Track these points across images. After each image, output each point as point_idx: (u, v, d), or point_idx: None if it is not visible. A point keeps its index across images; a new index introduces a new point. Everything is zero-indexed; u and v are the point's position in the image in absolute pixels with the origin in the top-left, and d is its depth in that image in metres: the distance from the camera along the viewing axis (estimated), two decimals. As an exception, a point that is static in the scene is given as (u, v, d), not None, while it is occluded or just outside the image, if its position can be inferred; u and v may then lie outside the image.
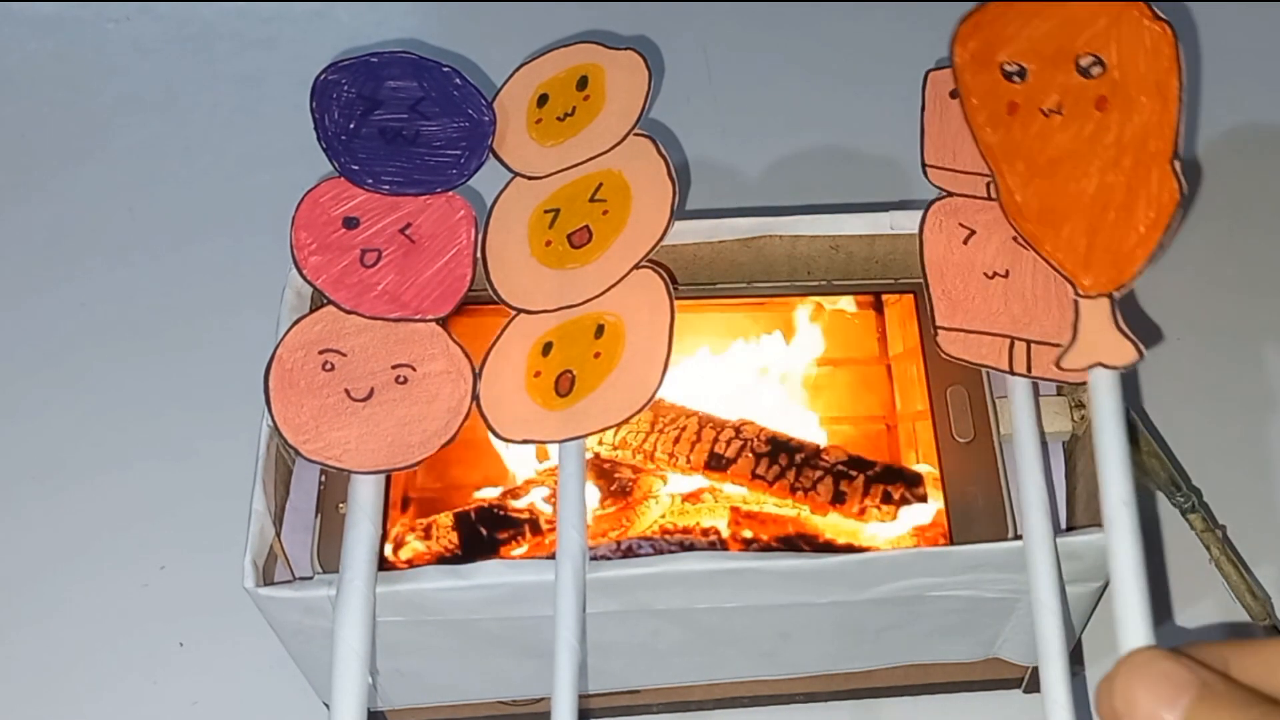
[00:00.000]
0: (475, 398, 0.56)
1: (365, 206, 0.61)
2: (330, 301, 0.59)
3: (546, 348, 0.57)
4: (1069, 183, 0.57)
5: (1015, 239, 0.59)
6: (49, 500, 0.77)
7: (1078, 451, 0.62)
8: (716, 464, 0.64)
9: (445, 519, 0.63)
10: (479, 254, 0.60)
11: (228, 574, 0.55)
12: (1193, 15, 0.98)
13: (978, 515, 0.59)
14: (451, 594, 0.54)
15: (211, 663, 0.70)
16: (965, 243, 0.60)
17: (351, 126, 0.62)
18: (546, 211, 0.61)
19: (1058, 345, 0.57)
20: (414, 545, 0.62)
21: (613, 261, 0.58)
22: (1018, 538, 0.55)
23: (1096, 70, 0.58)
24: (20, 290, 0.87)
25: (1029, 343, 0.58)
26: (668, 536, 0.63)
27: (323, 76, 0.63)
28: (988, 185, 0.62)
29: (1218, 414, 0.78)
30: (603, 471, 0.66)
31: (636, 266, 0.57)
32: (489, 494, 0.66)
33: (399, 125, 0.62)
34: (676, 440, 0.65)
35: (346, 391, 0.56)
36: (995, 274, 0.59)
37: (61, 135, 0.96)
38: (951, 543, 0.58)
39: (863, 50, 0.94)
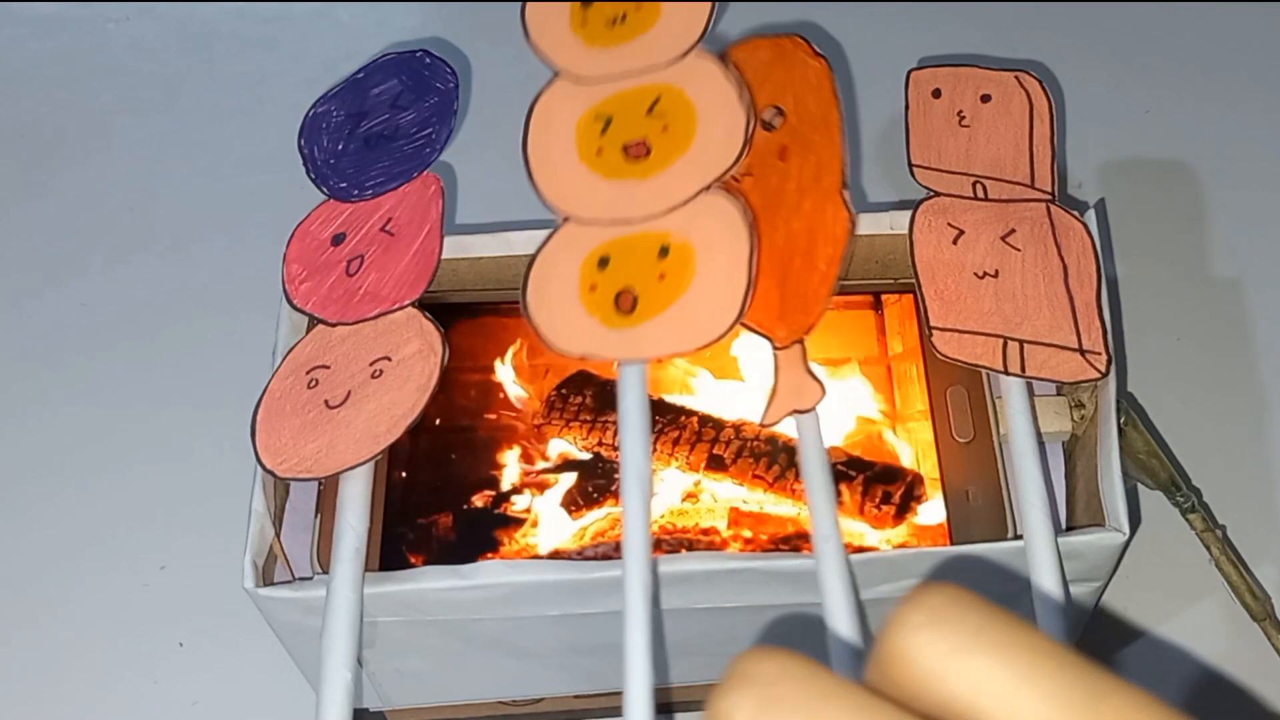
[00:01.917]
0: (443, 368, 0.55)
1: (351, 218, 0.61)
2: (320, 321, 0.59)
3: (603, 261, 0.55)
4: (762, 240, 0.56)
5: (1004, 239, 0.60)
6: (49, 500, 0.77)
7: (1077, 451, 0.62)
8: (716, 464, 0.64)
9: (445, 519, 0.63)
10: (526, 159, 0.57)
11: (228, 574, 0.55)
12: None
13: (978, 515, 0.59)
14: (451, 594, 0.54)
15: (211, 663, 0.70)
16: (955, 243, 0.60)
17: (339, 148, 0.62)
18: (598, 118, 0.58)
19: (1051, 345, 0.57)
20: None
21: (676, 181, 0.55)
22: (1018, 538, 0.55)
23: (778, 121, 0.59)
24: (20, 290, 0.87)
25: (1022, 342, 0.58)
26: (668, 536, 0.63)
27: (311, 111, 0.63)
28: (974, 184, 0.62)
29: (1218, 414, 0.78)
30: (602, 471, 0.66)
31: (705, 190, 0.55)
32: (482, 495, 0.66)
33: (380, 128, 0.63)
34: (676, 440, 0.65)
35: (325, 402, 0.57)
36: (985, 274, 0.59)
37: (61, 135, 0.96)
38: (951, 543, 0.58)
39: (861, 50, 0.94)
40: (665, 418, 0.65)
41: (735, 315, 0.52)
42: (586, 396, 0.67)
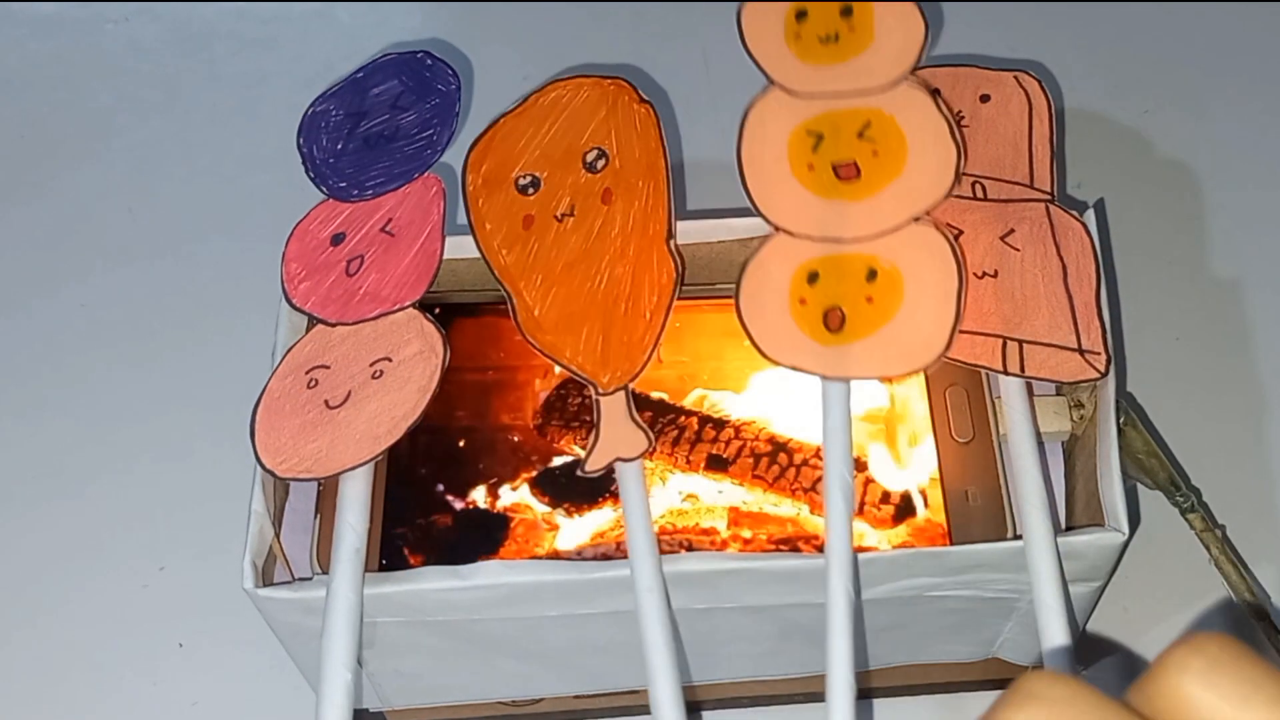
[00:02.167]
0: (444, 369, 0.56)
1: (351, 218, 0.61)
2: (319, 320, 0.59)
3: (812, 276, 0.56)
4: (584, 283, 0.58)
5: (1003, 239, 0.60)
6: (49, 500, 0.77)
7: (1077, 451, 0.62)
8: (716, 464, 0.64)
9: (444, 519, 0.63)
10: (740, 165, 0.58)
11: (227, 575, 0.55)
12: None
13: (977, 515, 0.59)
14: (451, 594, 0.54)
15: (211, 663, 0.70)
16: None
17: (339, 148, 0.62)
18: (810, 133, 0.59)
19: (1050, 345, 0.57)
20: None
21: (886, 207, 0.57)
22: (1018, 538, 0.55)
23: (601, 163, 0.59)
24: (20, 290, 0.87)
25: (1021, 342, 0.58)
26: (667, 536, 0.63)
27: (310, 110, 0.64)
28: (973, 184, 0.62)
29: (1218, 414, 0.78)
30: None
31: (915, 220, 0.56)
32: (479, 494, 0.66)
33: (381, 128, 0.63)
34: (676, 440, 0.65)
35: (325, 402, 0.57)
36: (985, 274, 0.59)
37: (61, 135, 0.96)
38: (951, 543, 0.58)
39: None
40: (665, 418, 0.65)
41: (943, 346, 0.53)
42: (586, 397, 0.67)
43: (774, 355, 0.55)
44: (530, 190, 0.60)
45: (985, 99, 0.64)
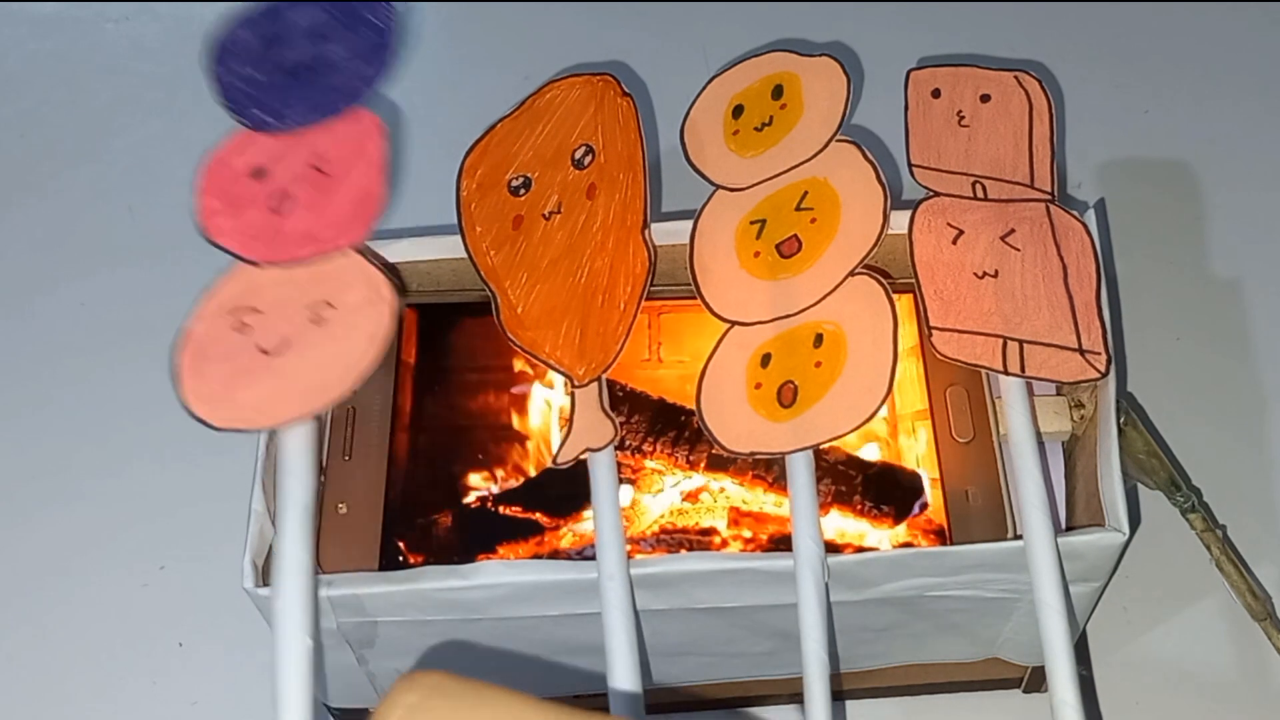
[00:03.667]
0: (399, 316, 0.55)
1: (273, 152, 0.58)
2: (242, 260, 0.56)
3: (765, 359, 0.58)
4: (566, 278, 0.59)
5: (1003, 239, 0.60)
6: (49, 500, 0.77)
7: (1077, 451, 0.62)
8: (717, 464, 0.64)
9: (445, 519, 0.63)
10: (692, 272, 0.60)
11: (227, 574, 0.55)
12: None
13: (977, 515, 0.59)
14: (451, 594, 0.54)
15: (211, 663, 0.70)
16: (954, 243, 0.60)
17: (257, 76, 0.59)
18: (753, 223, 0.61)
19: (1051, 345, 0.57)
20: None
21: (826, 269, 0.59)
22: (1018, 538, 0.55)
23: (588, 159, 0.61)
24: (20, 290, 0.87)
25: (1021, 342, 0.58)
26: (667, 536, 0.63)
27: (225, 35, 0.60)
28: (974, 184, 0.62)
29: (1218, 414, 0.78)
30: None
31: (851, 274, 0.58)
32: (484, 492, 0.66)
33: (303, 57, 0.60)
34: (676, 440, 0.65)
35: (260, 349, 0.54)
36: (985, 274, 0.59)
37: (61, 135, 0.96)
38: (950, 543, 0.58)
39: (861, 50, 0.94)
40: (665, 418, 0.65)
41: (885, 391, 0.54)
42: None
43: (734, 447, 0.56)
44: (522, 191, 0.61)
45: (985, 99, 0.64)
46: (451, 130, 0.68)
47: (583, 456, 0.56)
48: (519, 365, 0.68)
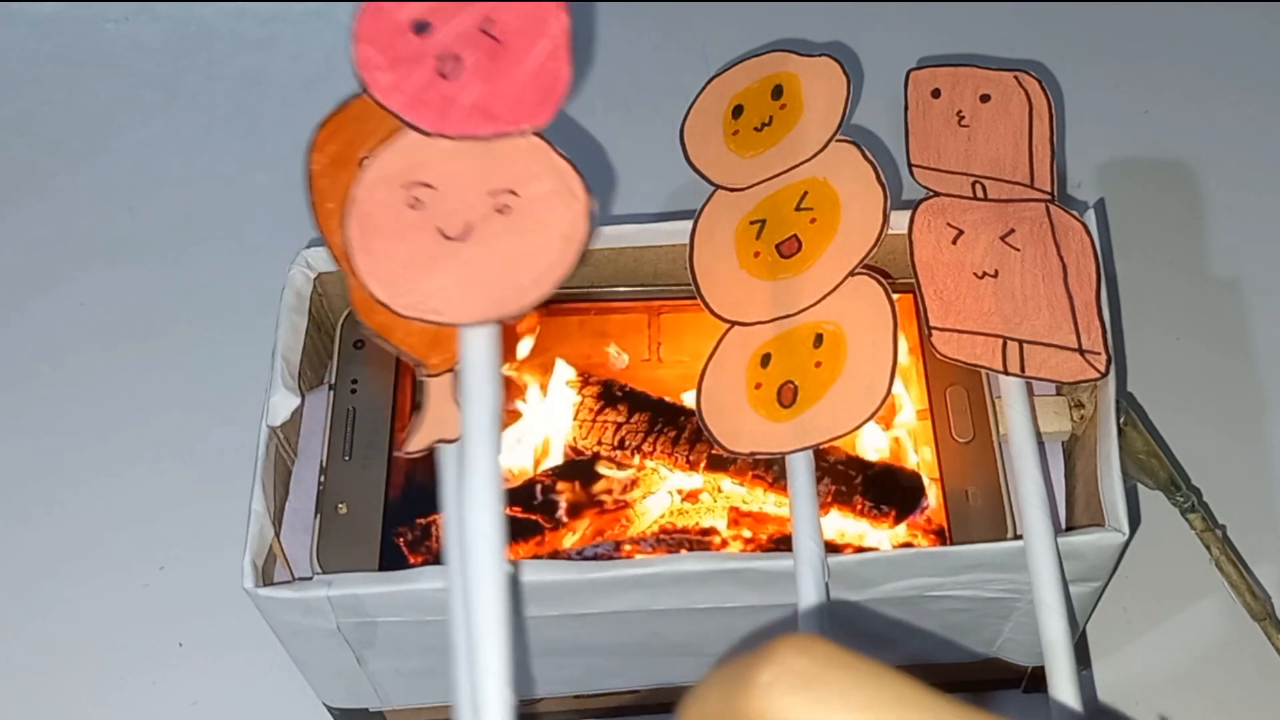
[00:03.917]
0: (593, 223, 0.48)
1: (435, 5, 0.50)
2: (410, 125, 0.49)
3: (765, 359, 0.58)
4: None
5: (1003, 239, 0.60)
6: (49, 500, 0.77)
7: (1077, 451, 0.62)
8: (717, 464, 0.64)
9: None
10: (692, 272, 0.58)
11: (227, 574, 0.55)
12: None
13: (977, 515, 0.59)
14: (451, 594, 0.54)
15: (211, 663, 0.70)
16: (954, 243, 0.60)
17: None
18: (753, 223, 0.61)
19: (1051, 345, 0.57)
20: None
21: (826, 269, 0.58)
22: (1018, 538, 0.55)
23: None
24: (20, 290, 0.87)
25: (1021, 342, 0.58)
26: (667, 536, 0.63)
27: None
28: (974, 184, 0.62)
29: (1218, 414, 0.78)
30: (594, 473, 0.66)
31: (851, 274, 0.58)
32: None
33: None
34: (676, 440, 0.65)
35: (440, 230, 0.48)
36: (985, 274, 0.59)
37: (61, 135, 0.96)
38: (950, 543, 0.58)
39: (861, 50, 0.94)
40: (665, 418, 0.65)
41: (884, 392, 0.54)
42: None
43: (734, 447, 0.56)
44: None
45: (985, 99, 0.64)
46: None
47: (434, 447, 0.54)
48: (507, 369, 0.68)
